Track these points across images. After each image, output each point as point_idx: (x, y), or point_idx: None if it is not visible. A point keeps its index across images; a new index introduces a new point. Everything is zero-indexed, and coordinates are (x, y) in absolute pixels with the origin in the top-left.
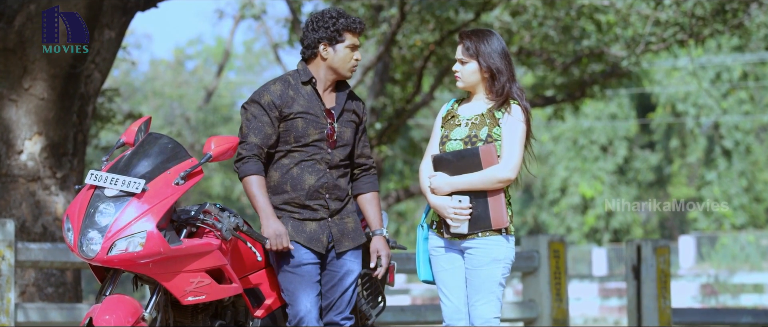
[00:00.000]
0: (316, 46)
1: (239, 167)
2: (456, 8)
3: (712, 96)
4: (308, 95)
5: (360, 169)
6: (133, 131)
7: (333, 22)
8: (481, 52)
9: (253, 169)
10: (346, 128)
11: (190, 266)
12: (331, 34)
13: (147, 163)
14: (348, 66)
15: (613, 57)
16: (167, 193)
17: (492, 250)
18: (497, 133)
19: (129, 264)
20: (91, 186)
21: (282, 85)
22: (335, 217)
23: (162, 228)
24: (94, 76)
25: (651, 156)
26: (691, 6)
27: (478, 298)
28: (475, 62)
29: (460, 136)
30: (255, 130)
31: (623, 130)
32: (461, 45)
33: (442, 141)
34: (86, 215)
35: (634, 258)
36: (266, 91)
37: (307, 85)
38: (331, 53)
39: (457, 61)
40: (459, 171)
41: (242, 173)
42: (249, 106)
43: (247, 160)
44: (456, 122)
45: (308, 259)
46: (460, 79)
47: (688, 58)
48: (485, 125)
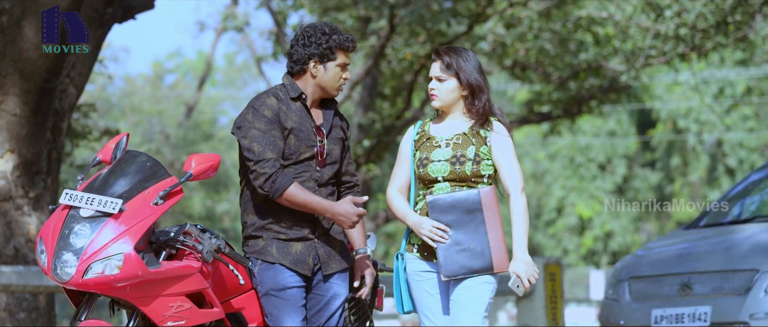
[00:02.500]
0: (306, 62)
1: (271, 187)
2: (448, 20)
3: (715, 112)
4: (299, 111)
5: (344, 186)
6: (110, 149)
7: (326, 39)
8: (462, 69)
9: (286, 183)
10: (335, 145)
11: (170, 290)
12: (323, 52)
13: (124, 182)
14: (337, 85)
15: (611, 71)
16: (146, 213)
17: None
18: (484, 152)
19: (105, 288)
20: (65, 206)
21: (275, 99)
22: (322, 238)
23: (140, 250)
24: (68, 90)
25: (651, 175)
26: (693, 18)
27: (466, 320)
28: (454, 80)
29: (444, 157)
30: (270, 145)
31: (622, 148)
32: (439, 62)
33: (421, 163)
34: (60, 236)
35: None
36: (263, 105)
37: (296, 101)
38: (322, 71)
39: (433, 78)
40: (457, 215)
41: (279, 191)
42: (253, 121)
43: (276, 176)
44: (434, 144)
45: (293, 282)
46: (437, 98)
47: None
48: (471, 144)
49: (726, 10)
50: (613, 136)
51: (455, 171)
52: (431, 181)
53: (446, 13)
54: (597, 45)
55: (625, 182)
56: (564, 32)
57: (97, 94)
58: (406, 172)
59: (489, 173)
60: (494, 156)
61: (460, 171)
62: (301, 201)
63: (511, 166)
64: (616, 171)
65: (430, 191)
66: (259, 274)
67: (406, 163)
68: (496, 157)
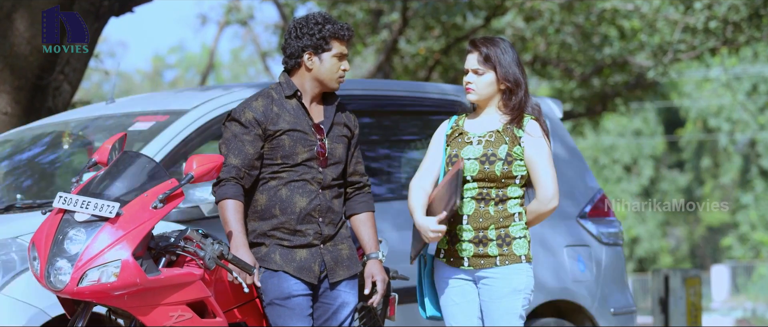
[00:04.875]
0: (300, 55)
1: (216, 191)
2: (464, 13)
3: (748, 110)
4: (294, 110)
5: (353, 187)
6: (107, 149)
7: (318, 28)
8: (500, 62)
9: (229, 193)
10: (338, 144)
11: (170, 299)
12: (316, 42)
13: (122, 185)
14: (335, 77)
15: (637, 67)
16: (144, 217)
17: (512, 279)
18: (517, 152)
19: (102, 296)
20: (59, 210)
21: (264, 100)
22: (328, 243)
23: (138, 256)
24: (63, 88)
25: (680, 177)
26: (725, 10)
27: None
28: (492, 73)
29: (474, 154)
30: (235, 151)
31: (649, 148)
32: (476, 53)
33: (451, 160)
34: (54, 242)
35: (661, 289)
36: (247, 107)
37: (292, 99)
38: (317, 63)
39: (469, 71)
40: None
41: (218, 197)
42: (229, 124)
43: (225, 184)
44: (466, 140)
45: (299, 291)
46: (474, 92)
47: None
48: (503, 143)
49: (759, 2)
50: (640, 136)
51: (484, 170)
52: None
53: (462, 6)
54: (622, 39)
55: (652, 185)
56: (587, 25)
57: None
58: (433, 166)
59: (521, 174)
60: (527, 158)
61: (489, 171)
62: (223, 219)
63: (544, 171)
64: (643, 173)
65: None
66: (262, 282)
67: (436, 158)
68: (529, 159)
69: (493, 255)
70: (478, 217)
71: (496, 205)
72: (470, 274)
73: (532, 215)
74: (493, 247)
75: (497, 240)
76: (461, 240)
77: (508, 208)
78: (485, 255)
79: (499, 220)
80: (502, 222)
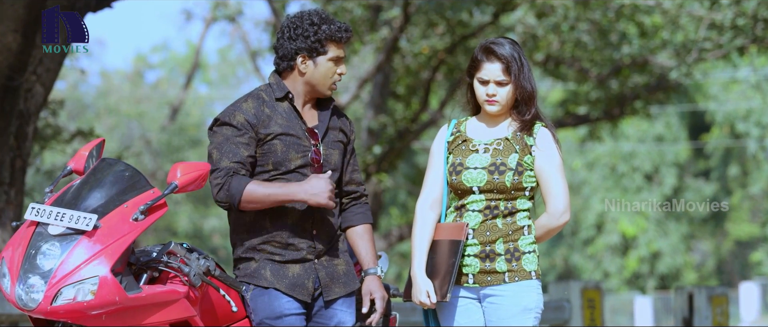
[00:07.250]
0: (293, 57)
1: (226, 195)
2: (470, 9)
3: None
4: (286, 113)
5: (349, 197)
6: (83, 156)
7: (314, 30)
8: (522, 72)
9: (241, 184)
10: (333, 150)
11: (152, 318)
12: (311, 45)
13: (100, 195)
14: (329, 82)
15: (659, 67)
16: (124, 230)
17: (522, 298)
18: (528, 161)
19: (78, 316)
20: (31, 222)
21: (254, 101)
22: (323, 258)
23: (118, 272)
24: (35, 90)
25: (706, 186)
26: (754, 6)
27: None
28: (512, 84)
29: (482, 164)
30: (229, 154)
31: (672, 155)
32: (498, 62)
33: (454, 170)
34: (26, 257)
35: (685, 309)
36: (237, 109)
37: (283, 102)
38: (311, 67)
39: (490, 82)
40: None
41: (236, 197)
42: (218, 129)
43: (228, 182)
44: (470, 147)
45: (291, 309)
46: (498, 104)
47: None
48: (513, 152)
49: None
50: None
51: (493, 181)
52: (465, 191)
53: (468, 1)
54: (642, 37)
55: (676, 194)
56: (604, 22)
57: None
58: (437, 179)
59: (531, 186)
60: (537, 169)
61: (499, 182)
62: (264, 196)
63: (556, 183)
64: (665, 182)
65: (463, 205)
66: (252, 300)
67: (439, 169)
68: (539, 170)
69: (501, 271)
70: (485, 231)
71: (504, 218)
72: (475, 292)
73: (541, 230)
74: (501, 262)
75: (506, 255)
76: (465, 254)
77: (518, 220)
78: (492, 271)
79: (507, 233)
80: (511, 235)
